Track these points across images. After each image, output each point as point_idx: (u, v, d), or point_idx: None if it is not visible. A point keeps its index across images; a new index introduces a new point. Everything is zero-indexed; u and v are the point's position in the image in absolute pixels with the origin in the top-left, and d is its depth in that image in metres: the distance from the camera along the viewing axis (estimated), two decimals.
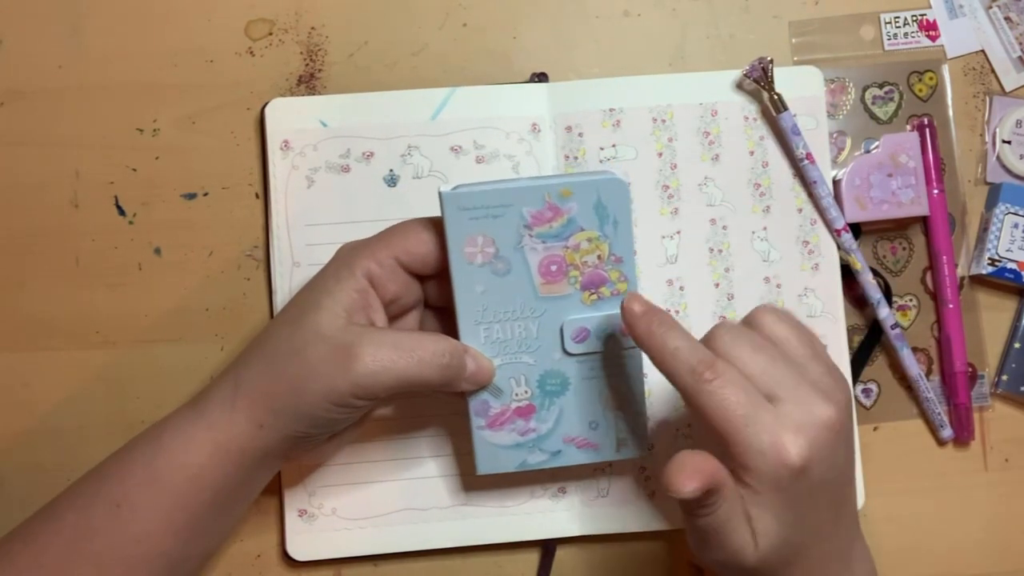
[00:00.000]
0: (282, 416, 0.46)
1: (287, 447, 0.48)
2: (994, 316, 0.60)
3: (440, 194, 0.47)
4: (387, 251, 0.47)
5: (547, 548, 0.57)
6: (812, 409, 0.43)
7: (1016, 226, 0.59)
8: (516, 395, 0.50)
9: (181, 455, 0.46)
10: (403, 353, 0.45)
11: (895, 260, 0.60)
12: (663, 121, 0.58)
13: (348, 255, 0.48)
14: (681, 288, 0.57)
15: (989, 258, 0.59)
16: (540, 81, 0.58)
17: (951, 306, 0.59)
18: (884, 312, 0.58)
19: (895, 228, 0.60)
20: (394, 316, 0.50)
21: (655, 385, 0.56)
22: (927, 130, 0.60)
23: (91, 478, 0.47)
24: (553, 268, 0.49)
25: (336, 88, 0.58)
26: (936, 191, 0.59)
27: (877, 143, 0.59)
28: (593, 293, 0.49)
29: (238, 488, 0.48)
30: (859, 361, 0.59)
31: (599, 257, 0.49)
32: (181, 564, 0.48)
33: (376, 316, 0.48)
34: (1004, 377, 0.60)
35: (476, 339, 0.49)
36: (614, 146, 0.57)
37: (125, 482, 0.46)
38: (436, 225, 0.48)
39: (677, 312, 0.57)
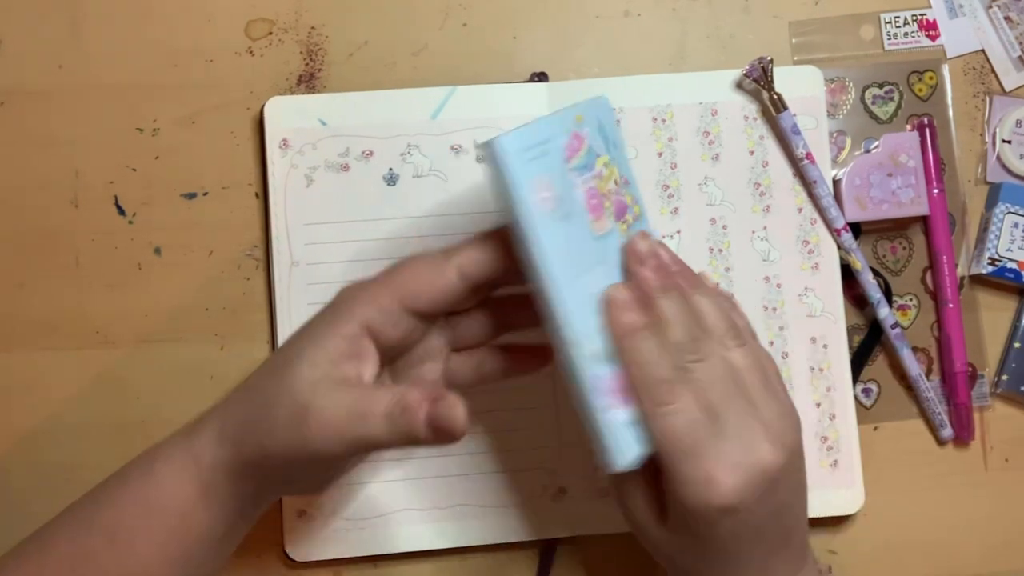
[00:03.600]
0: (260, 467, 0.44)
1: (272, 492, 0.47)
2: (994, 316, 0.60)
3: (493, 144, 0.41)
4: (389, 295, 0.44)
5: (547, 548, 0.57)
6: (755, 450, 0.43)
7: (1016, 226, 0.59)
8: None
9: (172, 490, 0.45)
10: (353, 418, 0.42)
11: (895, 260, 0.60)
12: (663, 121, 0.58)
13: (347, 299, 0.45)
14: None
15: (989, 258, 0.59)
16: (540, 81, 0.58)
17: (951, 306, 0.59)
18: (884, 312, 0.58)
19: (895, 228, 0.60)
20: (413, 364, 0.48)
21: None
22: (927, 130, 0.60)
23: (84, 506, 0.46)
24: (594, 202, 0.45)
25: (336, 88, 0.58)
26: (936, 191, 0.59)
27: (877, 143, 0.59)
28: (623, 222, 0.46)
29: (229, 525, 0.46)
30: (859, 361, 0.59)
31: (615, 182, 0.46)
32: None
33: (365, 367, 0.44)
34: (1004, 377, 0.60)
35: (581, 299, 0.43)
36: None
37: (119, 513, 0.45)
38: (444, 262, 0.45)
39: None
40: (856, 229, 0.59)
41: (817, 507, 0.56)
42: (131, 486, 0.46)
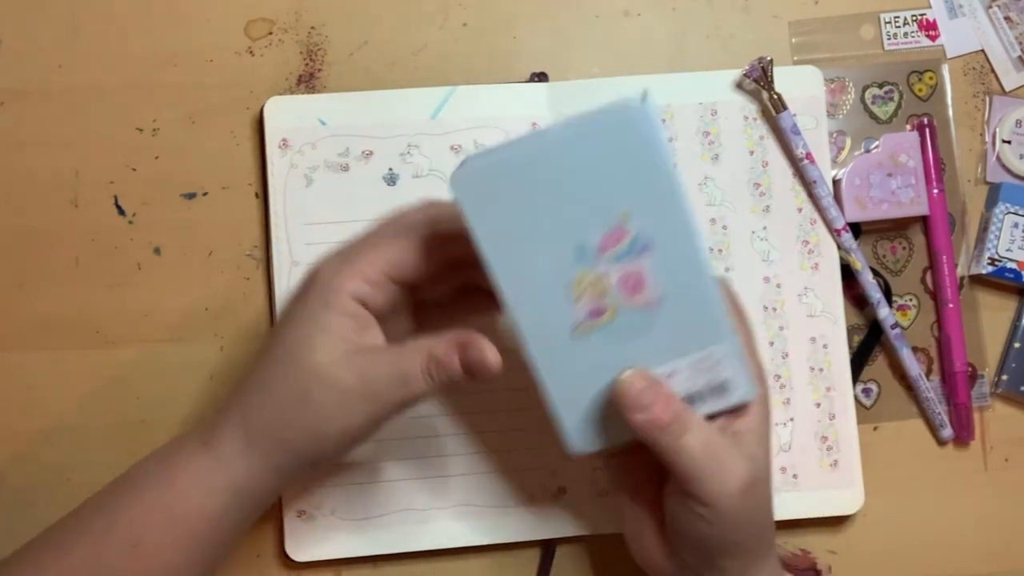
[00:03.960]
0: (302, 457, 0.46)
1: (303, 476, 0.49)
2: (994, 316, 0.60)
3: (637, 108, 0.41)
4: (371, 268, 0.45)
5: (547, 548, 0.57)
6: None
7: (1016, 226, 0.59)
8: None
9: (201, 500, 0.45)
10: (395, 383, 0.44)
11: (895, 260, 0.60)
12: (663, 121, 0.58)
13: (331, 278, 0.45)
14: None
15: (989, 258, 0.59)
16: (540, 81, 0.58)
17: (951, 306, 0.59)
18: (884, 312, 0.58)
19: (895, 228, 0.60)
20: (384, 320, 0.48)
21: None
22: (927, 130, 0.60)
23: (97, 513, 0.46)
24: None
25: (336, 88, 0.58)
26: (936, 191, 0.59)
27: (877, 143, 0.59)
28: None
29: (252, 521, 0.48)
30: (859, 361, 0.59)
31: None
32: None
33: (371, 334, 0.46)
34: (1004, 377, 0.60)
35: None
36: None
37: (140, 522, 0.45)
38: (415, 226, 0.46)
39: None
40: (856, 229, 0.59)
41: (817, 507, 0.57)
42: (150, 495, 0.46)
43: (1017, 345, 0.60)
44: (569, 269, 0.43)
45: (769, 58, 0.57)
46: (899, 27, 0.61)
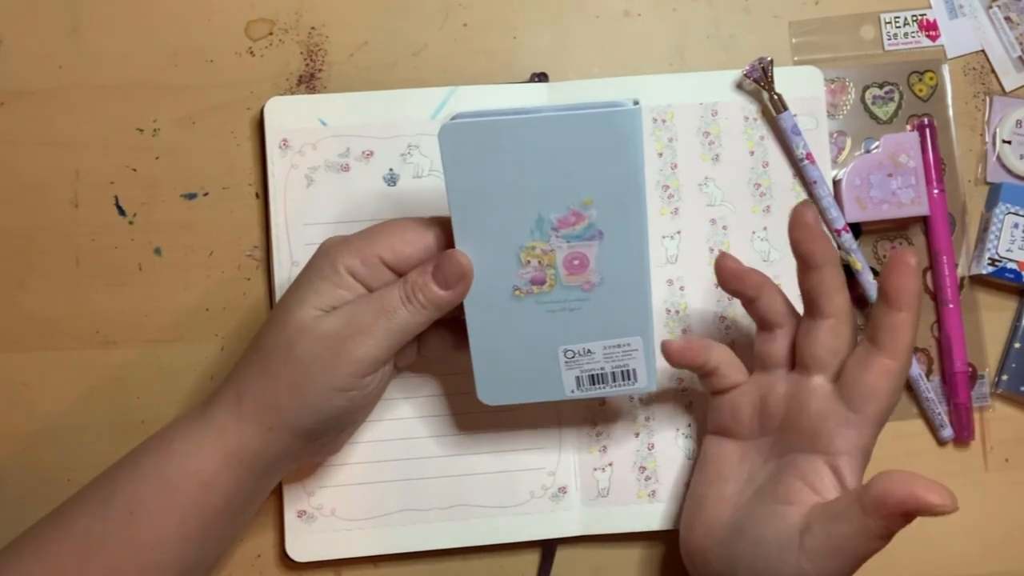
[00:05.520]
0: (289, 415, 0.46)
1: (298, 447, 0.48)
2: (994, 316, 0.60)
3: (632, 111, 0.45)
4: (371, 248, 0.47)
5: (547, 548, 0.57)
6: None
7: (1016, 226, 0.59)
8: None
9: (193, 463, 0.46)
10: (380, 318, 0.46)
11: None
12: (663, 121, 0.58)
13: (331, 250, 0.48)
14: (681, 288, 0.57)
15: (989, 258, 0.59)
16: (540, 81, 0.58)
17: (951, 306, 0.59)
18: None
19: (895, 228, 0.60)
20: None
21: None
22: (927, 130, 0.60)
23: (101, 484, 0.47)
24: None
25: (336, 88, 0.58)
26: (936, 191, 0.59)
27: (877, 143, 0.59)
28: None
29: (249, 493, 0.48)
30: None
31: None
32: (193, 569, 0.48)
33: (359, 292, 0.48)
34: (1004, 377, 0.60)
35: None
36: None
37: (137, 489, 0.46)
38: (426, 227, 0.48)
39: (677, 312, 0.57)
40: (856, 229, 0.59)
41: None
42: (148, 464, 0.47)
43: (1017, 345, 0.60)
44: (524, 236, 0.46)
45: (769, 58, 0.57)
46: (899, 27, 0.61)
